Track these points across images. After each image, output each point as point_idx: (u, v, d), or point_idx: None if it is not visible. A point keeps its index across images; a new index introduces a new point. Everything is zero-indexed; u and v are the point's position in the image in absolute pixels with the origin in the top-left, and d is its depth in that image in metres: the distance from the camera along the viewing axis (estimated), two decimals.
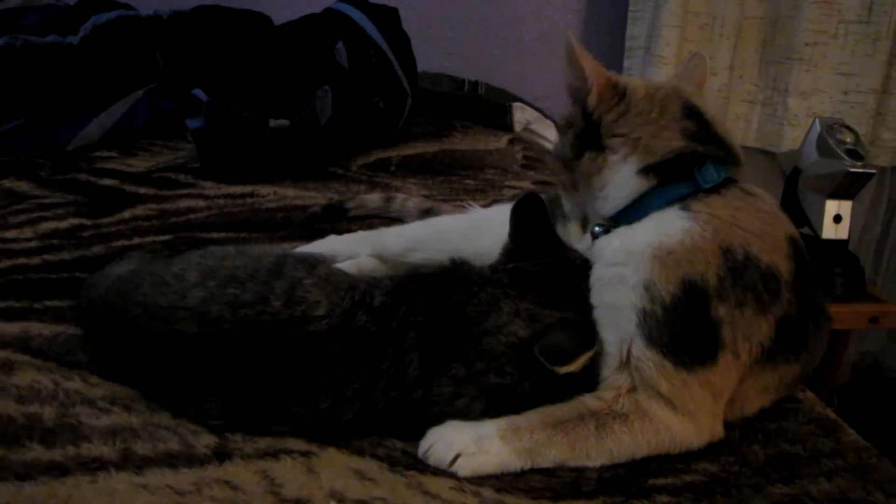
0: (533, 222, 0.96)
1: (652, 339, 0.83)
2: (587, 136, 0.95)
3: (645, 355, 0.84)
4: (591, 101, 0.95)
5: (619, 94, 0.94)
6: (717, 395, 0.85)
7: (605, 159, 0.93)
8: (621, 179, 0.92)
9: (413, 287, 0.90)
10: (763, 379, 0.90)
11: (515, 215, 0.97)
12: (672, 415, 0.83)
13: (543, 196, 0.98)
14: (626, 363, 0.85)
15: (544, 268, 0.92)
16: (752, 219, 0.88)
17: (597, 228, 0.96)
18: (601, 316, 0.89)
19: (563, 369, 0.83)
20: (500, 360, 0.84)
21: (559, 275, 0.92)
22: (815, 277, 0.93)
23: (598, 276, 0.90)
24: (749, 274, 0.85)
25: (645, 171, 0.91)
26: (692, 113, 0.93)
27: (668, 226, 0.87)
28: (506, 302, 0.88)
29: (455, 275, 0.92)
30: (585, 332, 0.86)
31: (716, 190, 0.89)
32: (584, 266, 0.93)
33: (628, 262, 0.87)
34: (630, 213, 0.92)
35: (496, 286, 0.90)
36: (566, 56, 0.95)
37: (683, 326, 0.83)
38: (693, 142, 0.91)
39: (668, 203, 0.89)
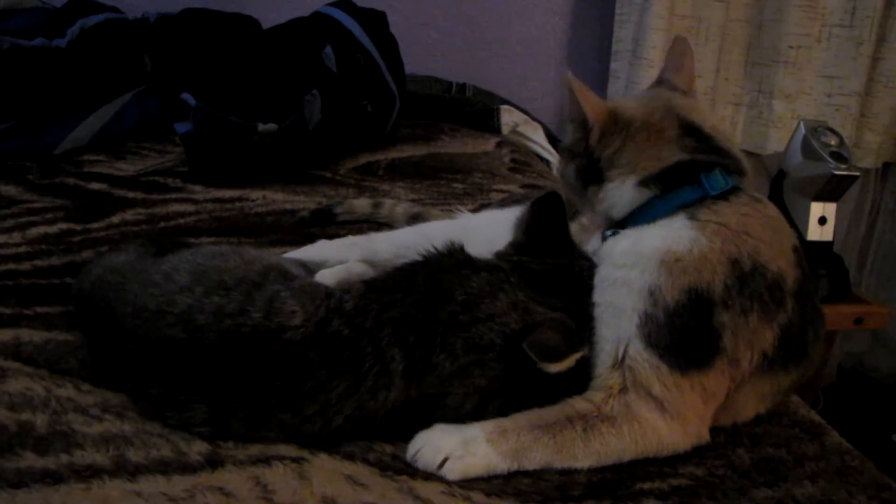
0: (549, 222, 0.97)
1: (650, 342, 0.84)
2: (589, 170, 0.97)
3: (641, 356, 0.84)
4: (592, 139, 0.96)
5: (620, 127, 0.95)
6: (708, 400, 0.86)
7: (605, 188, 0.95)
8: (621, 195, 0.94)
9: (387, 282, 0.90)
10: (761, 387, 0.90)
11: (534, 211, 0.97)
12: (661, 418, 0.84)
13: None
14: (620, 363, 0.86)
15: (548, 268, 0.93)
16: (761, 226, 0.89)
17: (608, 232, 0.97)
18: (602, 314, 0.89)
19: (552, 367, 0.84)
20: (488, 355, 0.84)
21: (560, 278, 0.92)
22: (815, 286, 0.94)
23: (604, 275, 0.91)
24: (756, 282, 0.85)
25: (644, 182, 0.92)
26: (690, 130, 0.94)
27: (675, 233, 0.88)
28: (504, 290, 0.88)
29: (448, 259, 0.92)
30: (574, 336, 0.87)
31: (724, 197, 0.90)
32: (588, 276, 0.93)
33: (636, 265, 0.87)
34: (636, 219, 0.93)
35: (494, 272, 0.90)
36: (568, 93, 0.97)
37: (684, 331, 0.84)
38: (695, 153, 0.92)
39: (673, 210, 0.90)
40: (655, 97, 1.01)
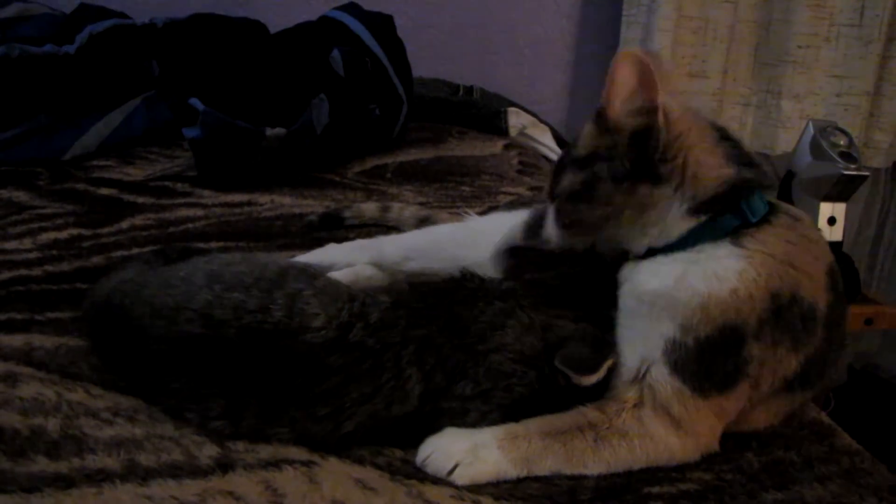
0: None
1: (676, 368, 0.82)
2: (638, 164, 0.84)
3: (665, 379, 0.83)
4: (661, 119, 0.82)
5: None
6: (723, 417, 0.86)
7: (657, 192, 0.84)
8: (672, 217, 0.84)
9: (414, 302, 0.90)
10: (776, 406, 0.90)
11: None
12: (674, 434, 0.84)
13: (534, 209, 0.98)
14: (640, 379, 0.85)
15: (563, 281, 0.93)
16: (804, 255, 0.85)
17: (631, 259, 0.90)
18: (627, 335, 0.87)
19: (588, 379, 0.84)
20: (510, 379, 0.85)
21: (577, 288, 0.92)
22: (845, 309, 0.92)
23: (631, 307, 0.87)
24: (790, 314, 0.83)
25: (697, 209, 0.84)
26: (724, 134, 0.87)
27: (720, 266, 0.82)
28: (515, 317, 0.88)
29: (461, 289, 0.92)
30: (602, 344, 0.87)
31: (765, 219, 0.85)
32: (603, 279, 0.92)
33: (668, 306, 0.83)
34: (675, 246, 0.86)
35: (505, 299, 0.90)
36: (633, 75, 0.83)
37: (713, 362, 0.82)
38: (738, 167, 0.85)
39: (719, 237, 0.84)
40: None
